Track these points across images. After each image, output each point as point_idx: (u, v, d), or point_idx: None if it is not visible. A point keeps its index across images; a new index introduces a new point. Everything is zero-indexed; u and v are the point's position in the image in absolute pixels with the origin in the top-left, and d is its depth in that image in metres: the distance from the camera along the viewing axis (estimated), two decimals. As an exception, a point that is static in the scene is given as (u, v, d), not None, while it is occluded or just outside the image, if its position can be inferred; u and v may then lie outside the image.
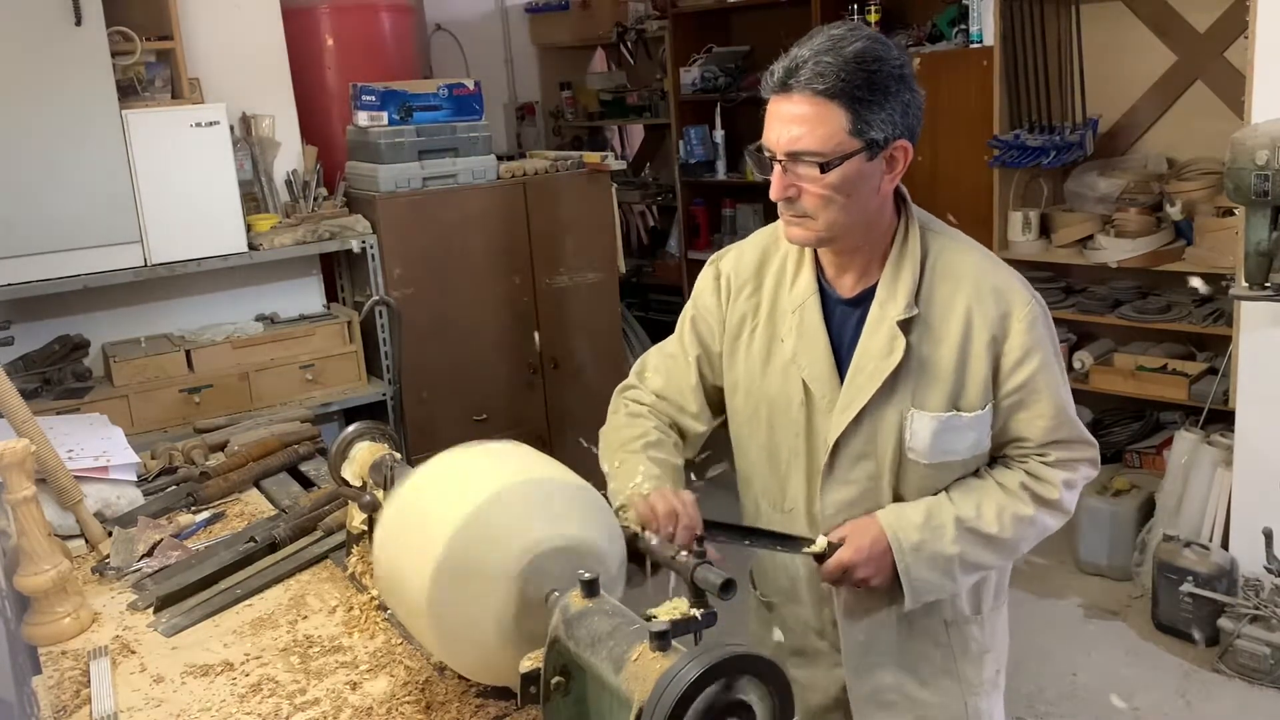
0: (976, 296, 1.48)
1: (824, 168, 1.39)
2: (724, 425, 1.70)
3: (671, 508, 1.40)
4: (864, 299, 1.52)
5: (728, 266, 1.64)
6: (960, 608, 1.63)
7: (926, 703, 1.64)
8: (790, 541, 1.54)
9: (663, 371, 1.69)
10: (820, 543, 1.50)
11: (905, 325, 1.47)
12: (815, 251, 1.56)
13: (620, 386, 1.73)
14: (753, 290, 1.61)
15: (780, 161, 1.42)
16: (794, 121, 1.40)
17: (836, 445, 1.52)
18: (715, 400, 1.68)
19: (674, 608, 1.13)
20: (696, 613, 1.11)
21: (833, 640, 1.64)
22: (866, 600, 1.59)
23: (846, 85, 1.37)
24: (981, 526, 1.51)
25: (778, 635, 1.70)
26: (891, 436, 1.50)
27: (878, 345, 1.49)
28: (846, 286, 1.54)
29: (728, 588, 1.18)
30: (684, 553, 1.27)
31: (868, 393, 1.48)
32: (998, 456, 1.57)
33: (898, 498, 1.54)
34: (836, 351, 1.53)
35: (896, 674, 1.62)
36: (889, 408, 1.49)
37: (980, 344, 1.47)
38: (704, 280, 1.67)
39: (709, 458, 1.76)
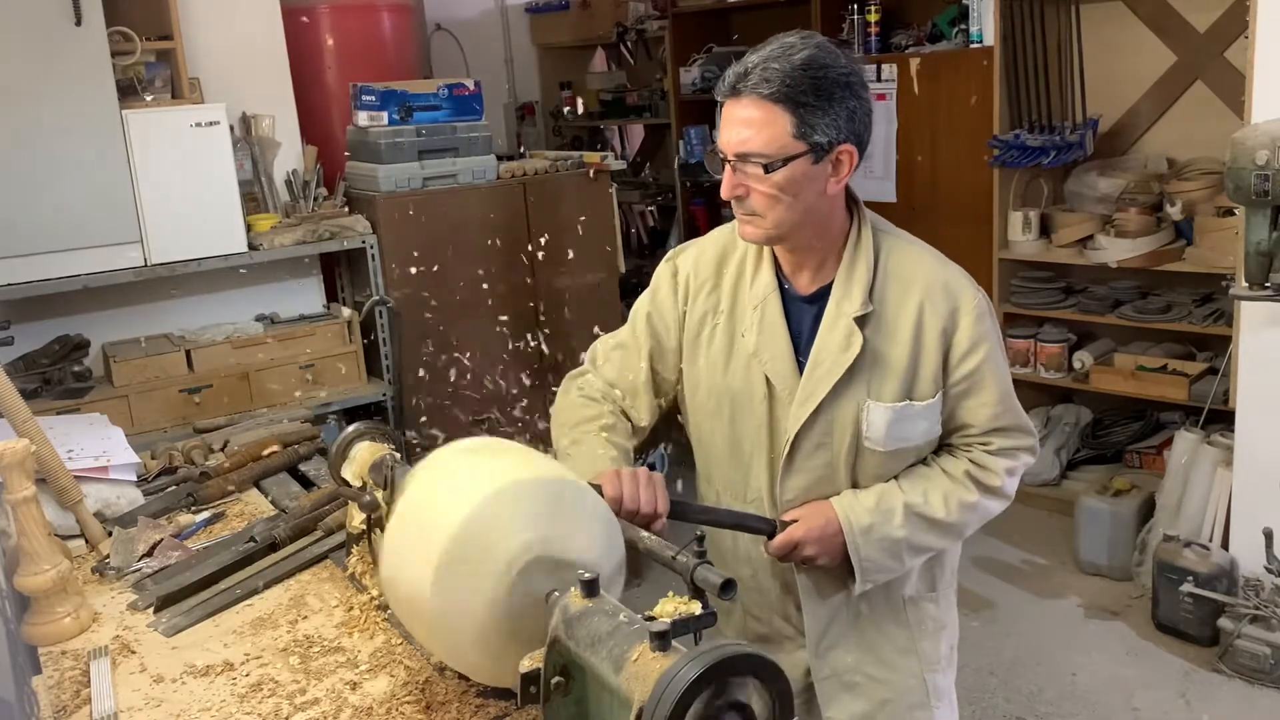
0: (928, 293, 1.56)
1: (768, 168, 1.46)
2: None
3: (644, 488, 1.46)
4: (821, 296, 1.60)
5: (687, 265, 1.70)
6: (918, 586, 1.71)
7: (888, 681, 1.70)
8: (749, 520, 1.61)
9: (615, 361, 1.74)
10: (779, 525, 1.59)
11: (861, 321, 1.55)
12: (773, 250, 1.62)
13: (572, 373, 1.79)
14: (712, 288, 1.67)
15: (730, 162, 1.49)
16: (742, 124, 1.47)
17: (797, 436, 1.59)
18: (662, 394, 1.74)
19: (674, 604, 1.13)
20: (697, 608, 1.11)
21: (797, 624, 1.70)
22: (827, 584, 1.66)
23: (792, 90, 1.44)
24: (928, 511, 1.59)
25: (737, 618, 1.77)
26: (849, 427, 1.58)
27: (835, 340, 1.56)
28: (804, 284, 1.61)
29: (728, 588, 1.18)
30: (684, 554, 1.27)
31: (826, 386, 1.56)
32: (944, 445, 1.65)
33: (854, 484, 1.62)
34: (796, 346, 1.60)
35: (858, 654, 1.69)
36: (846, 400, 1.57)
37: (932, 337, 1.56)
38: (662, 276, 1.72)
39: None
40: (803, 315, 1.61)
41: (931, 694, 1.72)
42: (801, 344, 1.60)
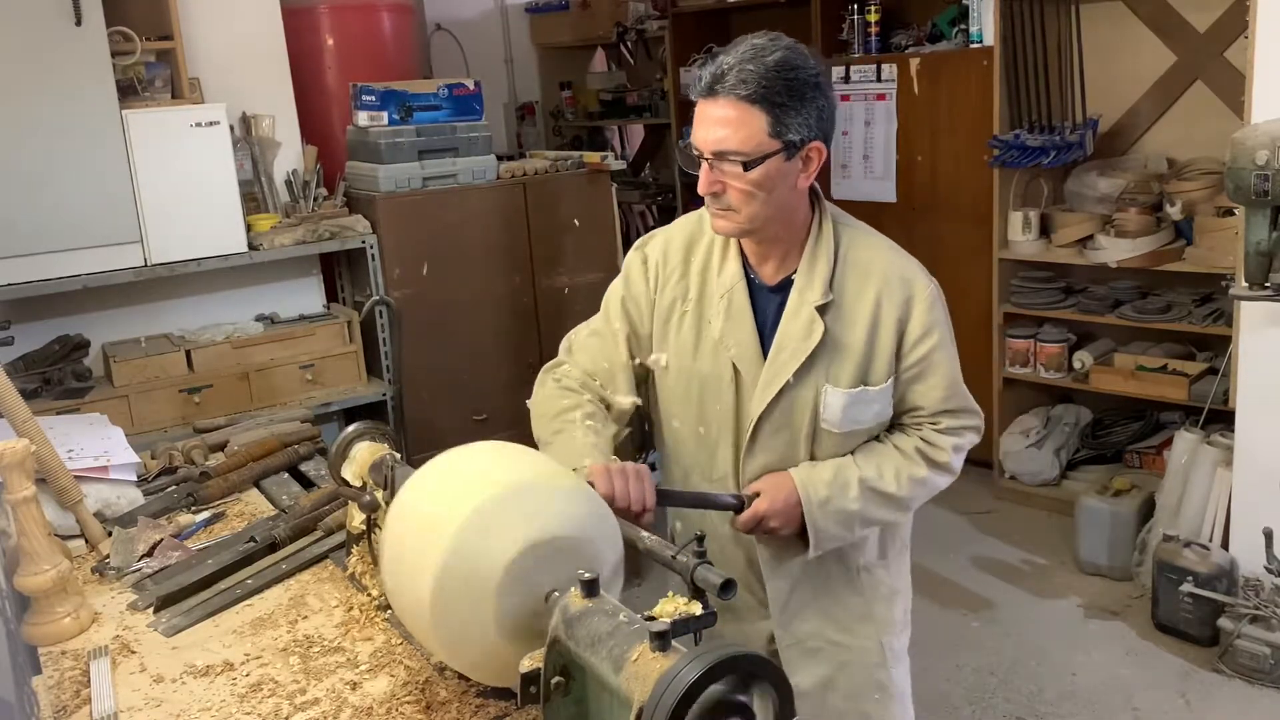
0: (884, 283, 1.64)
1: (746, 166, 1.53)
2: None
3: (633, 484, 1.50)
4: (784, 286, 1.67)
5: (655, 252, 1.76)
6: (869, 553, 1.80)
7: (848, 646, 1.80)
8: (720, 499, 1.69)
9: (590, 350, 1.80)
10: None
11: (821, 309, 1.63)
12: (739, 242, 1.70)
13: (547, 365, 1.84)
14: (680, 275, 1.73)
15: (707, 160, 1.56)
16: (719, 124, 1.53)
17: (760, 419, 1.67)
18: (639, 378, 1.79)
19: (674, 604, 1.13)
20: (698, 608, 1.11)
21: (760, 596, 1.79)
22: (787, 557, 1.74)
23: (767, 91, 1.50)
24: (881, 486, 1.68)
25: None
26: (807, 410, 1.66)
27: (798, 328, 1.64)
28: (768, 274, 1.69)
29: (727, 587, 1.19)
30: (684, 554, 1.27)
31: (788, 371, 1.64)
32: (895, 423, 1.74)
33: (811, 460, 1.70)
34: (761, 334, 1.68)
35: (819, 621, 1.78)
36: (806, 384, 1.65)
37: (887, 324, 1.64)
38: (633, 264, 1.78)
39: None
40: (768, 304, 1.68)
41: (888, 655, 1.82)
42: (766, 331, 1.67)
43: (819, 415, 1.66)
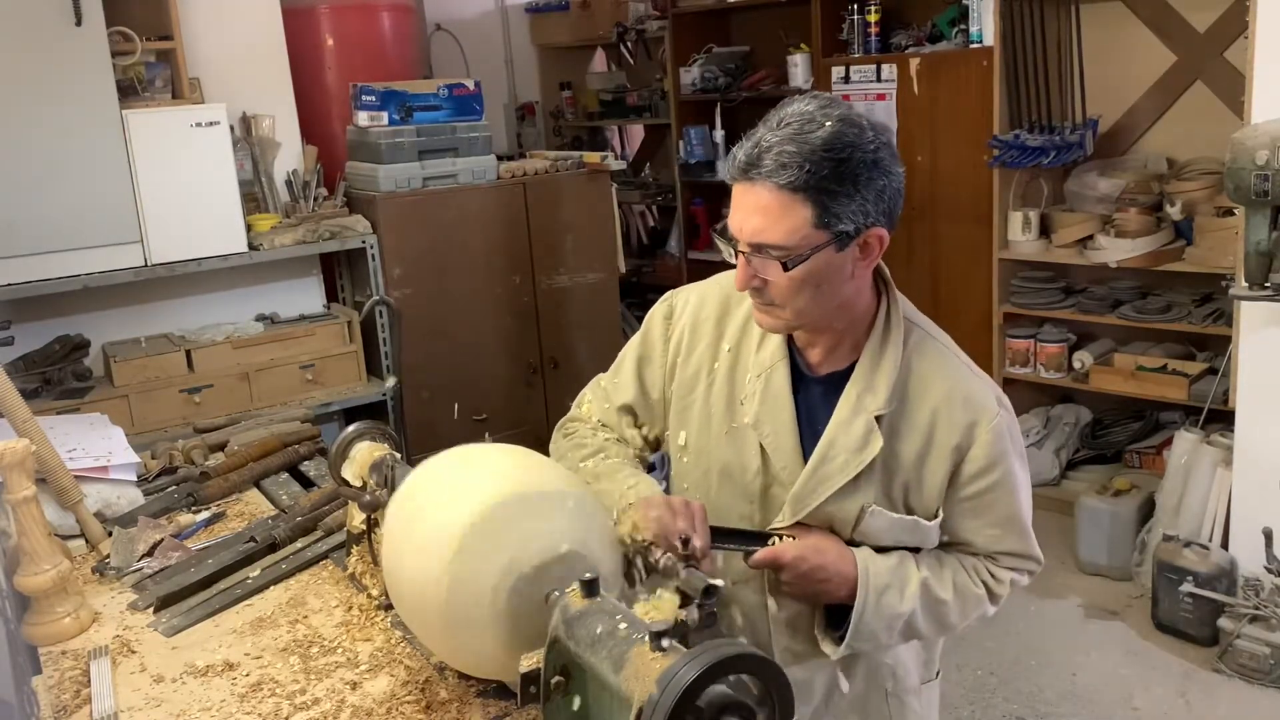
0: (946, 400, 1.41)
1: (787, 265, 1.30)
2: None
3: (690, 527, 1.31)
4: (833, 380, 1.44)
5: (686, 314, 1.55)
6: (901, 677, 1.57)
7: None
8: (750, 540, 1.46)
9: (599, 409, 1.63)
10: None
11: (879, 419, 1.40)
12: None
13: (559, 424, 1.67)
14: (712, 342, 1.52)
15: (743, 252, 1.34)
16: (756, 212, 1.31)
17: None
18: (652, 440, 1.62)
19: (657, 606, 1.13)
20: (683, 615, 1.11)
21: None
22: (804, 690, 1.50)
23: (812, 177, 1.27)
24: (939, 593, 1.44)
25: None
26: (847, 524, 1.43)
27: (852, 437, 1.40)
28: (815, 360, 1.46)
29: (710, 592, 1.16)
30: (668, 557, 1.26)
31: (834, 485, 1.41)
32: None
33: None
34: (798, 429, 1.45)
35: None
36: (850, 501, 1.42)
37: (943, 448, 1.41)
38: (655, 321, 1.59)
39: None
40: (811, 396, 1.45)
41: None
42: (804, 429, 1.44)
43: (858, 529, 1.43)
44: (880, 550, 1.44)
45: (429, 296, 3.67)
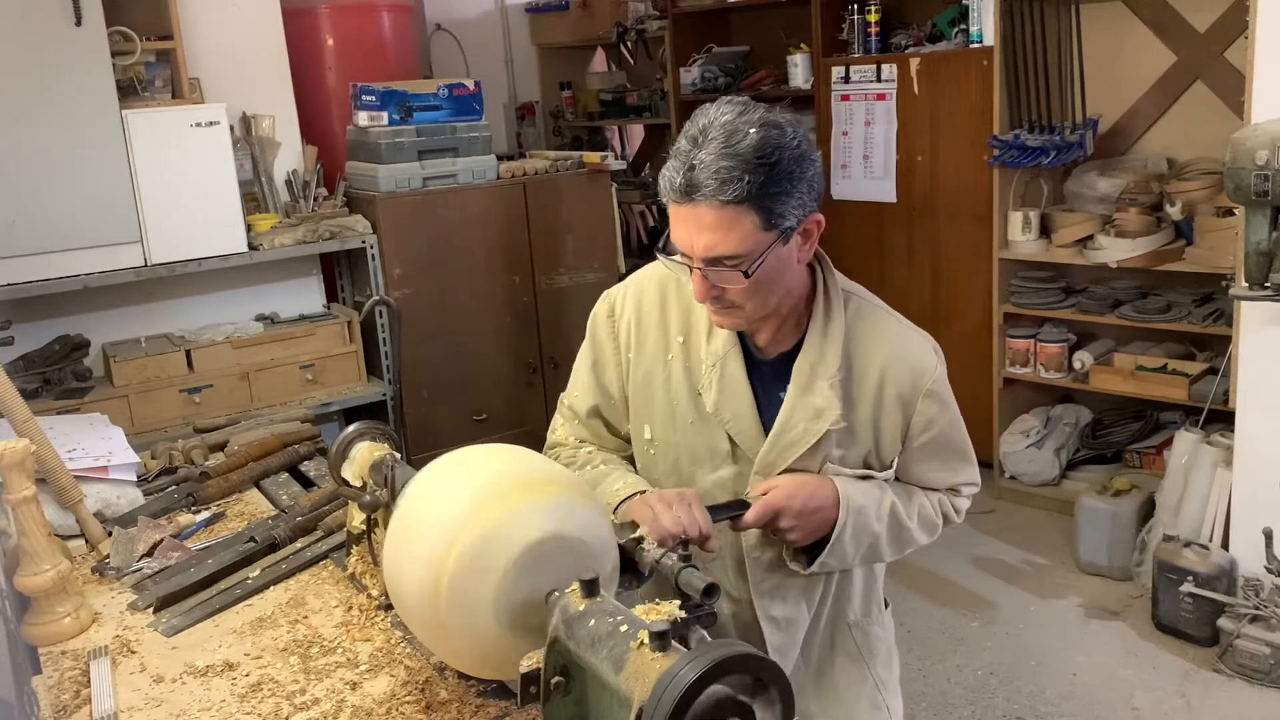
0: (892, 360, 1.51)
1: (747, 272, 1.37)
2: None
3: (688, 517, 1.37)
4: (783, 359, 1.52)
5: (628, 308, 1.60)
6: (867, 607, 1.70)
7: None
8: (730, 509, 1.50)
9: (571, 428, 1.69)
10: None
11: (833, 386, 1.48)
12: None
13: (546, 447, 1.71)
14: (660, 333, 1.57)
15: (699, 268, 1.39)
16: (703, 230, 1.36)
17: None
18: (626, 436, 1.66)
19: (656, 609, 1.13)
20: (680, 614, 1.11)
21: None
22: (790, 645, 1.62)
23: (751, 187, 1.32)
24: (904, 519, 1.56)
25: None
26: None
27: (808, 407, 1.48)
28: (763, 342, 1.54)
29: (710, 592, 1.19)
30: (669, 556, 1.28)
31: (793, 454, 1.49)
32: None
33: None
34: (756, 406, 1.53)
35: (820, 700, 1.67)
36: (810, 464, 1.51)
37: (891, 403, 1.52)
38: (600, 322, 1.63)
39: None
40: (764, 377, 1.53)
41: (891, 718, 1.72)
42: (763, 409, 1.52)
43: None
44: None
45: (429, 296, 3.67)
